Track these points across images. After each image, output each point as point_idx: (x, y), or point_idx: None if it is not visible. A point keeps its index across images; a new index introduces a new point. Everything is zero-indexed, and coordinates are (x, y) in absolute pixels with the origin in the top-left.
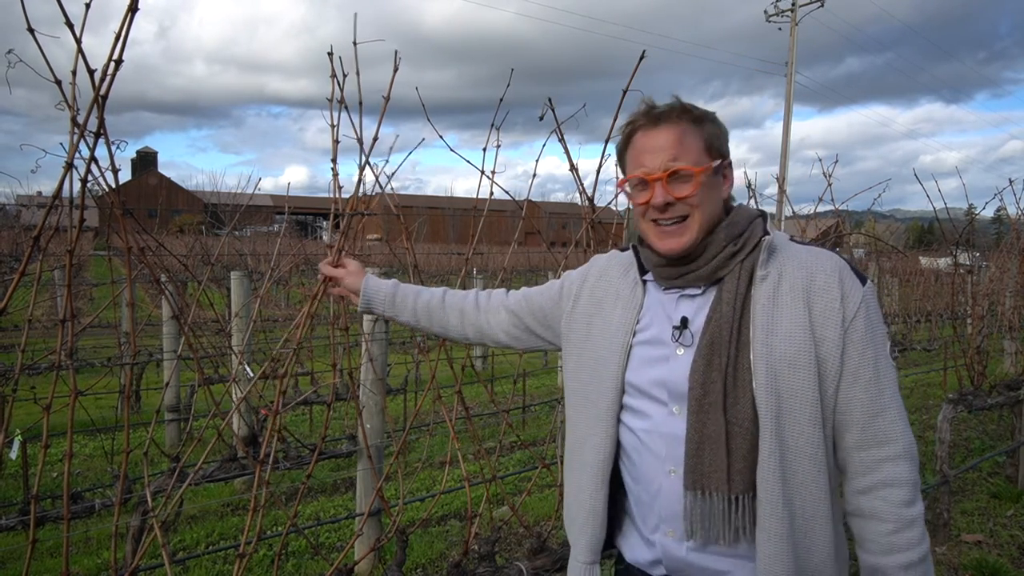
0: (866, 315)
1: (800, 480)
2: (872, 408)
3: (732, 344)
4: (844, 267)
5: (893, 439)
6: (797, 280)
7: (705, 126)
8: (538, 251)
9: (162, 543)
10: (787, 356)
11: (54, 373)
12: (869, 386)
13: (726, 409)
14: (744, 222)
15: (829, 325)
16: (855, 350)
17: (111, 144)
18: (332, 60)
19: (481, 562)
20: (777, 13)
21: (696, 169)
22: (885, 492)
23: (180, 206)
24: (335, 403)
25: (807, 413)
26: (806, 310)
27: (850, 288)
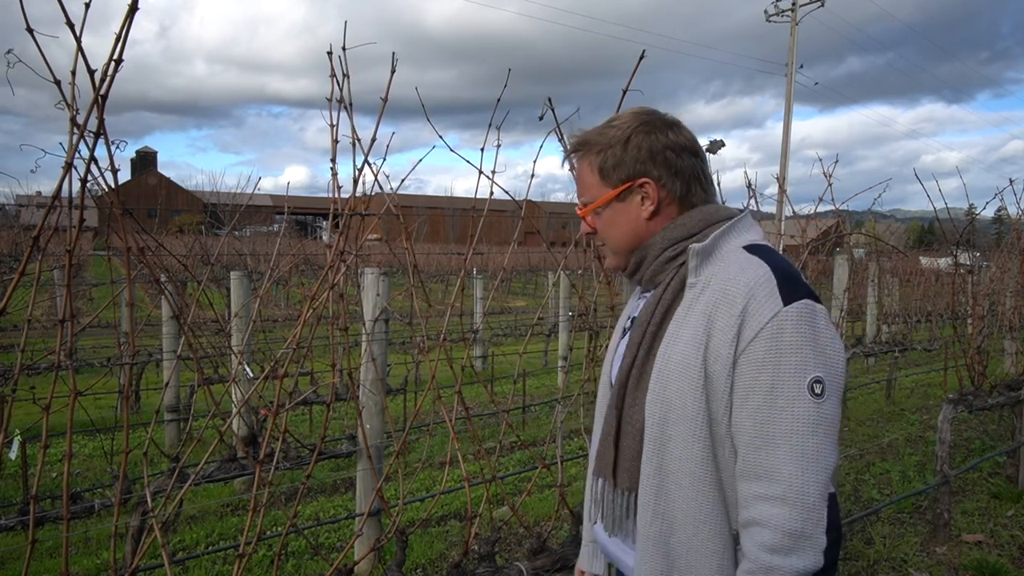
0: (772, 337)
1: (681, 495)
2: (756, 438)
3: (642, 347)
4: (764, 282)
5: (775, 477)
6: (714, 291)
7: (596, 155)
8: (538, 251)
9: (162, 543)
10: (679, 367)
11: (54, 373)
12: (757, 413)
13: (623, 408)
14: (695, 225)
15: (723, 341)
16: (747, 372)
17: (111, 144)
18: (331, 60)
19: (481, 562)
20: (777, 13)
21: (580, 211)
22: (752, 531)
23: (180, 206)
24: (335, 403)
25: (688, 427)
26: (706, 321)
27: (758, 306)
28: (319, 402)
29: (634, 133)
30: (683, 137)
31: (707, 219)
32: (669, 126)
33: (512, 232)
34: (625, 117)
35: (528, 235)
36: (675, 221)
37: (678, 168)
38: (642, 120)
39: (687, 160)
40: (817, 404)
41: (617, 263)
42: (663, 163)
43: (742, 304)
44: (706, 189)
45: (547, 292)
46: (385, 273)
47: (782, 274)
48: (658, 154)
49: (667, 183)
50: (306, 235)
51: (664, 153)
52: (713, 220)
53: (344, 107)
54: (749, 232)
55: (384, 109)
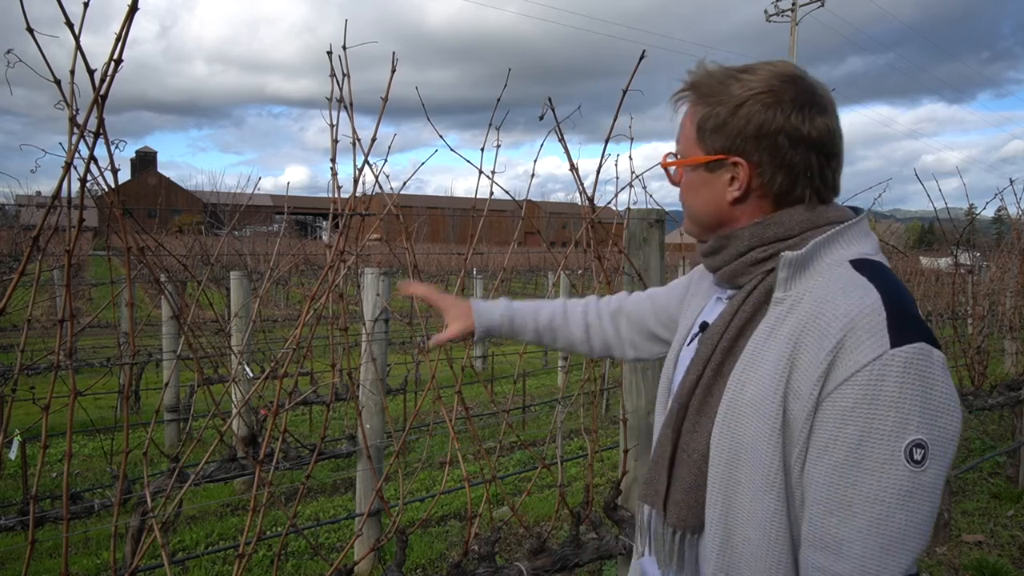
0: (869, 384)
1: (748, 551)
2: (830, 500)
3: (711, 365)
4: (871, 314)
5: (844, 552)
6: (805, 313)
7: (704, 106)
8: (538, 251)
9: (161, 543)
10: (755, 400)
11: (53, 373)
12: (835, 472)
13: (680, 432)
14: (795, 225)
15: (807, 378)
16: (831, 420)
17: (110, 144)
18: (331, 60)
19: (481, 562)
20: (777, 13)
21: (663, 163)
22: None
23: (180, 206)
24: (335, 403)
25: (760, 474)
26: (791, 351)
27: (858, 343)
28: (319, 402)
29: (752, 100)
30: (811, 125)
31: (809, 221)
32: (800, 106)
33: (512, 232)
34: (759, 74)
35: (528, 235)
36: (771, 217)
37: (787, 161)
38: (771, 87)
39: (802, 154)
40: (914, 472)
41: (690, 230)
42: (769, 149)
43: (838, 336)
44: (818, 191)
45: (547, 292)
46: (385, 273)
47: (896, 305)
48: (767, 137)
49: (765, 173)
50: (306, 235)
51: (775, 138)
52: (816, 223)
53: (344, 107)
54: (860, 242)
55: (384, 109)
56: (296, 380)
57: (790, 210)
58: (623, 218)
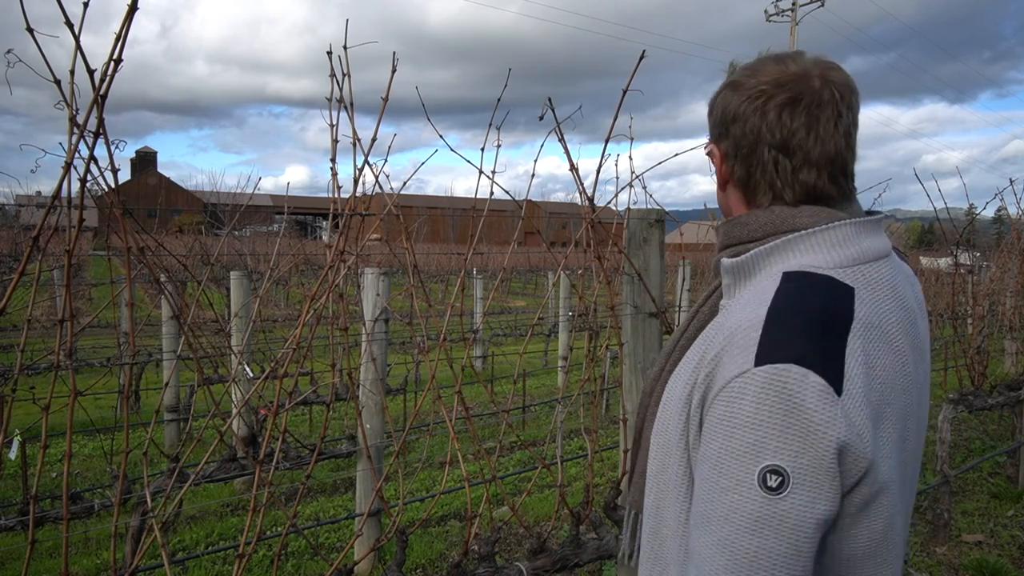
0: (728, 403)
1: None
2: (697, 512)
3: (671, 360)
4: (748, 328)
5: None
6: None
7: (719, 100)
8: (538, 251)
9: (162, 543)
10: (674, 403)
11: (53, 373)
12: (701, 485)
13: (643, 420)
14: (759, 228)
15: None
16: (705, 433)
17: (110, 144)
18: (331, 59)
19: (481, 562)
20: (777, 13)
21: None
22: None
23: (180, 206)
24: (335, 403)
25: (676, 474)
26: (698, 361)
27: (729, 359)
28: (319, 402)
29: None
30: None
31: (772, 224)
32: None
33: (512, 232)
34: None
35: (528, 235)
36: (739, 217)
37: (741, 152)
38: (795, 74)
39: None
40: (767, 499)
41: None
42: (732, 137)
43: (717, 350)
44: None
45: (547, 292)
46: (385, 273)
47: (778, 321)
48: (729, 125)
49: (729, 162)
50: (306, 235)
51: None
52: (779, 228)
53: (345, 107)
54: (819, 251)
55: (385, 109)
56: (296, 380)
57: (756, 211)
58: (623, 218)
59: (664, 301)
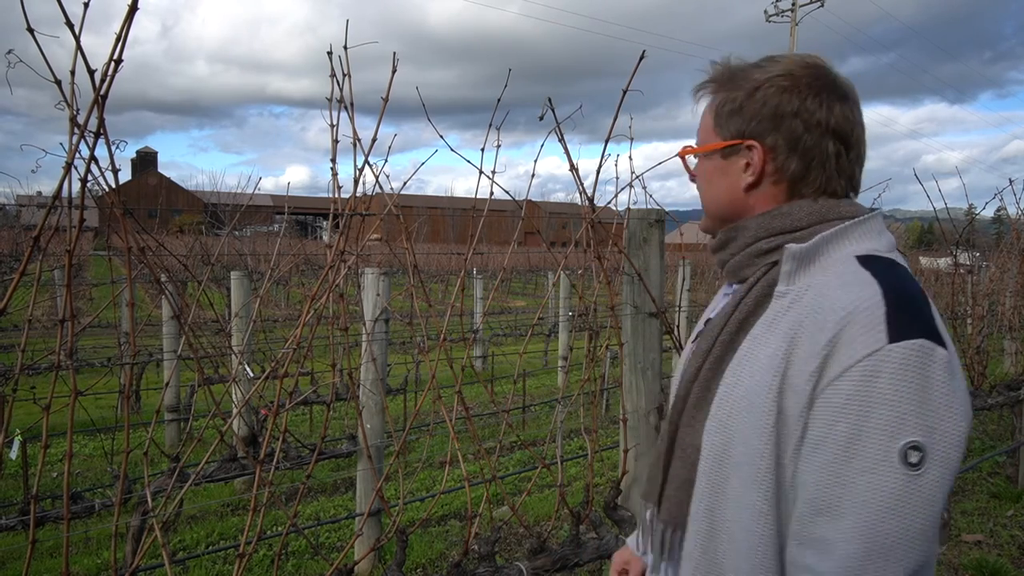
0: (863, 381)
1: (732, 548)
2: (818, 500)
3: (709, 360)
4: (869, 307)
5: (830, 551)
6: (805, 307)
7: (723, 93)
8: (538, 251)
9: (162, 543)
10: (749, 395)
11: (54, 373)
12: (825, 469)
13: (678, 427)
14: (802, 218)
15: (801, 372)
16: (824, 417)
17: (111, 144)
18: (331, 59)
19: (481, 562)
20: (777, 13)
21: (682, 152)
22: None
23: (180, 206)
24: (335, 403)
25: (750, 471)
26: (787, 346)
27: (853, 337)
28: (319, 402)
29: (769, 83)
30: (828, 111)
31: (819, 214)
32: (818, 91)
33: (512, 232)
34: (780, 63)
35: (528, 235)
36: (779, 208)
37: (803, 145)
38: (789, 71)
39: (818, 140)
40: (908, 476)
41: (705, 225)
42: (785, 131)
43: (834, 330)
44: (829, 181)
45: (547, 292)
46: (385, 273)
47: (898, 299)
48: (782, 119)
49: (779, 156)
50: (306, 235)
51: (791, 120)
52: (826, 217)
53: (345, 107)
54: (871, 239)
55: (385, 109)
56: (296, 380)
57: (800, 202)
58: (623, 218)
59: (664, 301)
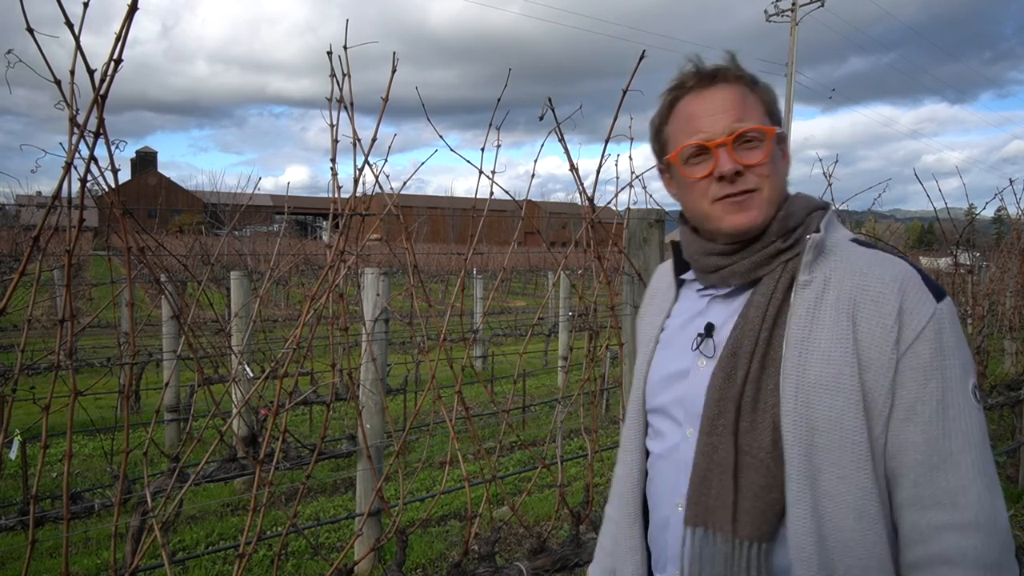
0: (935, 338)
1: (843, 538)
2: (931, 457)
3: (755, 358)
4: (911, 276)
5: (961, 503)
6: (845, 289)
7: (762, 90)
8: (538, 251)
9: (162, 543)
10: (823, 380)
11: (53, 373)
12: (929, 427)
13: (738, 434)
14: (801, 214)
15: (878, 346)
16: (913, 380)
17: (111, 144)
18: (331, 59)
19: (481, 562)
20: (777, 13)
21: (768, 129)
22: (941, 571)
23: (180, 206)
24: (335, 403)
25: (849, 452)
26: (851, 326)
27: (914, 302)
28: (319, 402)
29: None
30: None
31: (808, 207)
32: None
33: (512, 232)
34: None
35: (528, 235)
36: (786, 207)
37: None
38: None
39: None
40: (980, 410)
41: (764, 218)
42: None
43: (896, 302)
44: None
45: (547, 292)
46: (385, 273)
47: (918, 269)
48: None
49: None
50: (306, 235)
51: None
52: (810, 208)
53: (345, 107)
54: (844, 227)
55: (385, 109)
56: (296, 380)
57: (794, 197)
58: (623, 218)
59: None
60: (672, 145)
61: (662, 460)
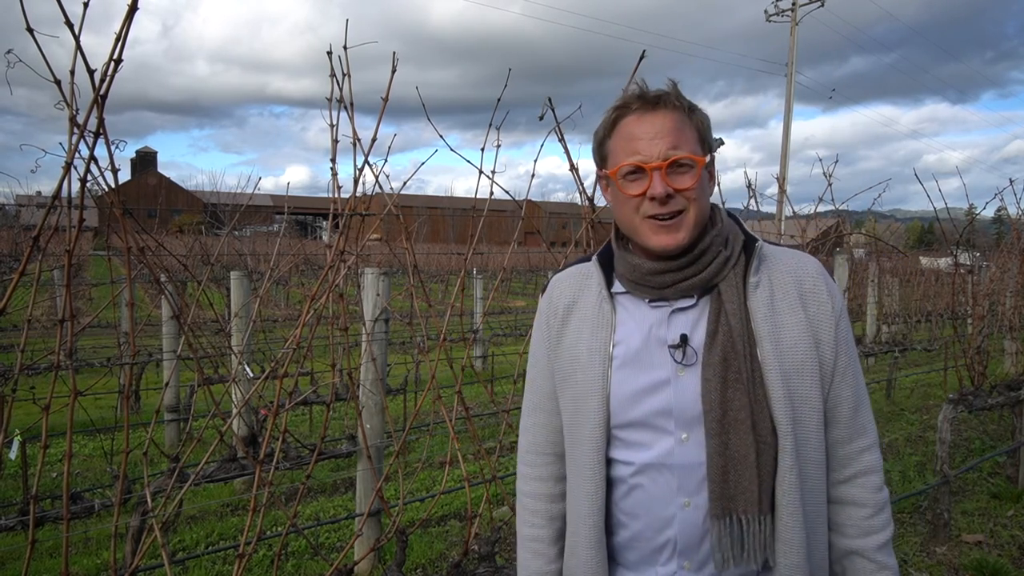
0: (844, 311)
1: (811, 486)
2: (855, 403)
3: (747, 358)
4: (823, 268)
5: (869, 429)
6: (788, 285)
7: (698, 118)
8: (538, 251)
9: (162, 543)
10: (795, 363)
11: (53, 373)
12: (853, 381)
13: (755, 426)
14: (729, 224)
15: (824, 327)
16: (843, 348)
17: (111, 144)
18: (331, 60)
19: (481, 562)
20: (777, 13)
21: (698, 159)
22: (864, 479)
23: (180, 206)
24: (335, 403)
25: (815, 418)
26: (804, 314)
27: (832, 286)
28: (319, 402)
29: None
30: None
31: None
32: None
33: (512, 232)
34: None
35: (528, 235)
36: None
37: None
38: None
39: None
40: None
41: (688, 239)
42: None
43: (825, 289)
44: None
45: None
46: (385, 273)
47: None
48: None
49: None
50: (306, 235)
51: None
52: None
53: (344, 107)
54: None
55: (385, 109)
56: (296, 380)
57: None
58: None
59: None
60: (612, 160)
61: (652, 468)
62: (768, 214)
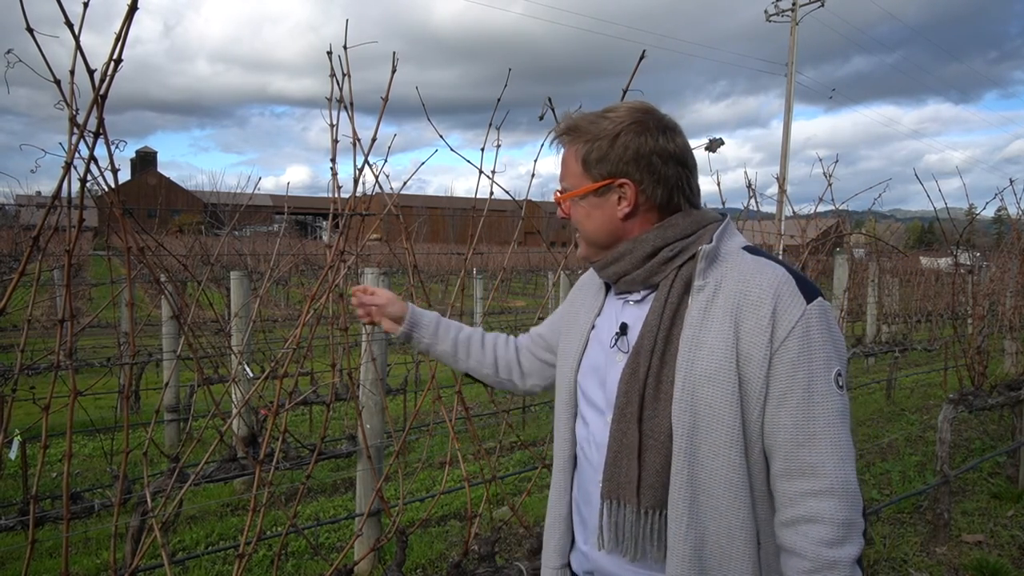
0: (803, 335)
1: (714, 504)
2: (797, 435)
3: (655, 354)
4: (787, 282)
5: (820, 473)
6: (731, 293)
7: (583, 144)
8: (538, 251)
9: (162, 543)
10: (707, 372)
11: (53, 373)
12: (796, 411)
13: (642, 420)
14: (687, 226)
15: (756, 343)
16: (784, 371)
17: (111, 144)
18: (331, 59)
19: (481, 562)
20: (777, 13)
21: (558, 196)
22: (805, 528)
23: (180, 206)
24: (335, 403)
25: (723, 433)
26: (733, 325)
27: (787, 305)
28: (319, 402)
29: (624, 131)
30: (674, 144)
31: (698, 222)
32: (662, 130)
33: (512, 232)
34: (621, 111)
35: (528, 235)
36: (668, 221)
37: (662, 175)
38: (636, 119)
39: (672, 169)
40: (841, 396)
41: (588, 254)
42: (647, 168)
43: (771, 305)
44: (689, 198)
45: (547, 292)
46: (385, 273)
47: (796, 275)
48: (643, 158)
49: (647, 188)
50: (306, 235)
51: (650, 158)
52: (703, 223)
53: (345, 107)
54: (738, 235)
55: (385, 109)
56: (296, 380)
57: (676, 216)
58: None
59: None
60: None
61: (587, 443)
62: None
